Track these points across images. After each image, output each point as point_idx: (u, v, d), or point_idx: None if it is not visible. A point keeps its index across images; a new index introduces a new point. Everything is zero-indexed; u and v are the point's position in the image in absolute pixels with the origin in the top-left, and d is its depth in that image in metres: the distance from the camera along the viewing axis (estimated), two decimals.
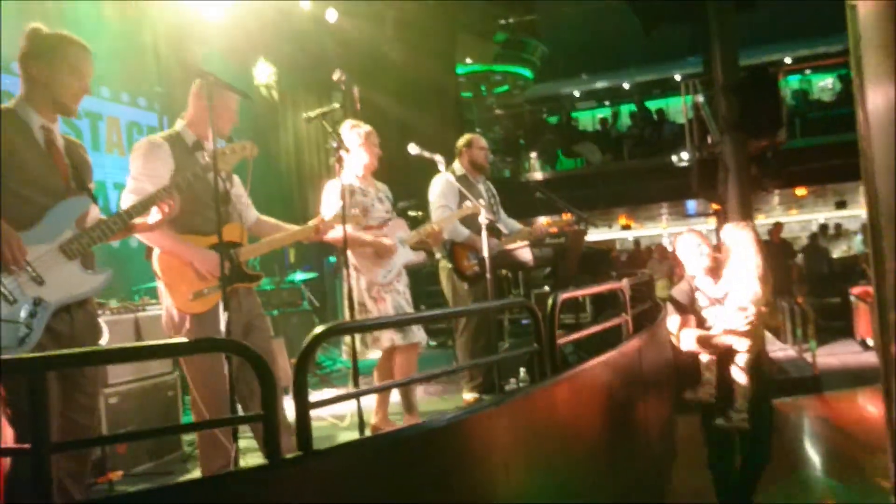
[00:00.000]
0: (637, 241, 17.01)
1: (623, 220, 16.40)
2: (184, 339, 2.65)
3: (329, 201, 3.90)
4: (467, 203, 4.30)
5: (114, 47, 6.73)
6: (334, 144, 3.25)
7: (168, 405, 3.89)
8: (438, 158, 4.15)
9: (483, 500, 2.05)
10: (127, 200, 2.71)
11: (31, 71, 2.37)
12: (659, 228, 20.01)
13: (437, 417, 1.96)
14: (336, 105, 3.30)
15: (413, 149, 4.10)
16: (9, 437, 2.12)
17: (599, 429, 2.88)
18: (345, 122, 3.98)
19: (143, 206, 2.45)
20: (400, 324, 3.62)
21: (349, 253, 3.90)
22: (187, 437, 4.00)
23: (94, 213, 2.46)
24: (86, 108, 6.83)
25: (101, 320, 3.65)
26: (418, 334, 3.95)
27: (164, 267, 2.88)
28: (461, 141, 4.94)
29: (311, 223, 3.24)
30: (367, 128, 4.00)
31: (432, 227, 4.15)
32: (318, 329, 1.79)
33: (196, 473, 3.50)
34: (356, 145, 3.97)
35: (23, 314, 2.10)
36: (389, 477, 1.78)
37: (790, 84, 15.09)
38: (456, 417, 1.99)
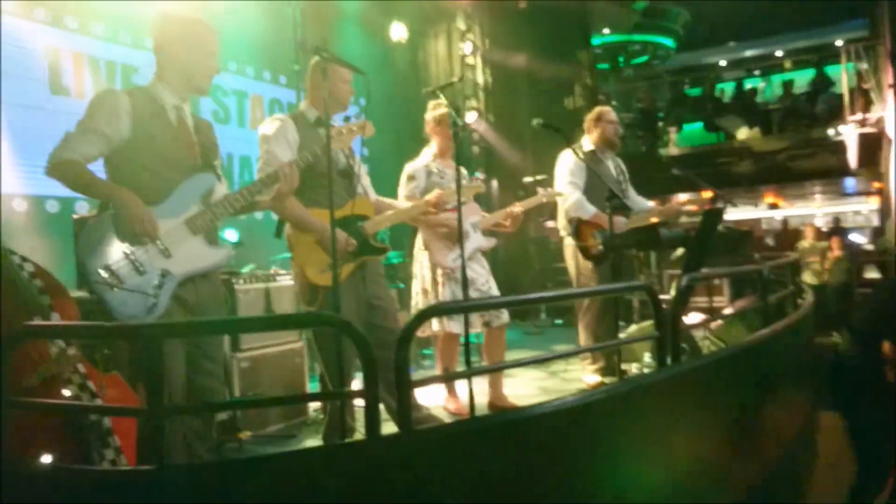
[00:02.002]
0: (785, 222, 15.85)
1: (770, 199, 15.32)
2: (294, 313, 2.74)
3: (404, 183, 3.94)
4: (547, 189, 4.22)
5: (257, 29, 7.08)
6: (453, 118, 3.23)
7: (295, 371, 4.07)
8: (565, 133, 4.04)
9: (590, 491, 1.98)
10: (257, 176, 2.83)
11: (170, 53, 2.48)
12: (811, 208, 18.49)
13: (545, 403, 1.89)
14: (455, 79, 3.27)
15: (538, 123, 4.00)
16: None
17: (725, 422, 2.69)
18: (430, 102, 3.95)
19: (263, 184, 2.53)
20: (510, 305, 3.56)
21: (419, 233, 3.91)
22: (313, 403, 4.17)
23: (220, 189, 2.56)
24: (233, 86, 7.25)
25: (237, 288, 3.88)
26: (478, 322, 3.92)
27: (295, 241, 2.99)
28: (590, 115, 4.77)
29: (428, 197, 3.26)
30: (440, 111, 3.94)
31: (511, 210, 4.04)
32: (422, 308, 1.77)
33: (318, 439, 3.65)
34: (427, 129, 4.00)
35: (152, 285, 2.24)
36: (493, 460, 1.74)
37: None
38: (563, 404, 1.91)
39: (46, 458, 2.18)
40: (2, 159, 4.88)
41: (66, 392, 2.41)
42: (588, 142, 4.71)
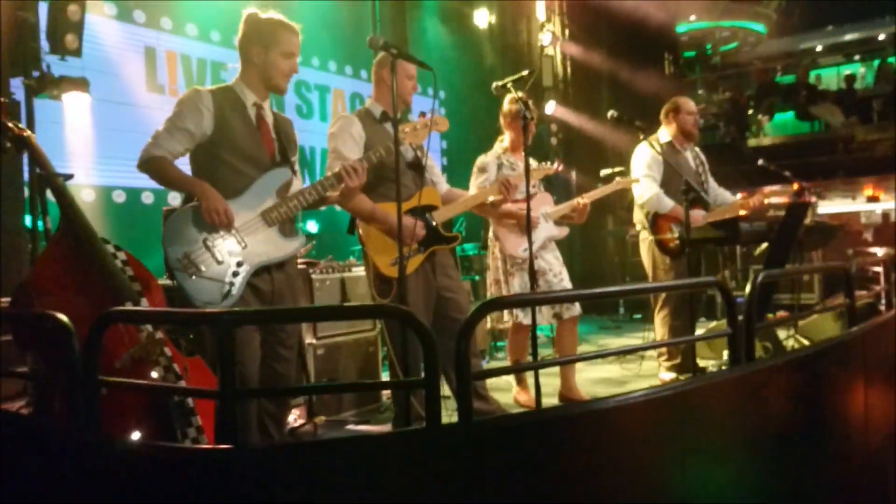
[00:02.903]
0: (886, 216, 14.93)
1: (869, 191, 14.45)
2: (359, 304, 2.81)
3: (475, 174, 3.97)
4: (618, 178, 4.16)
5: (339, 25, 7.26)
6: (523, 112, 3.23)
7: (368, 359, 4.18)
8: (640, 126, 3.97)
9: (654, 489, 1.96)
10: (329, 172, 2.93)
11: (249, 54, 2.60)
12: None
13: (608, 397, 1.89)
14: (526, 72, 3.25)
15: (613, 115, 3.95)
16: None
17: (802, 426, 2.59)
18: (508, 95, 3.93)
19: (335, 179, 2.61)
20: (577, 299, 3.55)
21: (492, 223, 3.93)
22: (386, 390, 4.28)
23: (296, 184, 2.68)
24: (316, 81, 7.46)
25: (313, 278, 4.01)
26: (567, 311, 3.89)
27: (366, 235, 3.08)
28: (668, 105, 4.65)
29: (497, 182, 3.31)
30: (513, 105, 3.93)
31: (578, 202, 3.99)
32: (485, 301, 1.80)
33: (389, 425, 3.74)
34: (502, 122, 4.00)
35: (228, 274, 2.36)
36: (553, 454, 1.75)
37: None
38: (626, 399, 1.90)
39: (135, 435, 2.35)
40: (97, 153, 5.19)
41: (154, 374, 2.58)
42: (665, 133, 4.60)
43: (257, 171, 2.55)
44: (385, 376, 4.29)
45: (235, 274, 2.38)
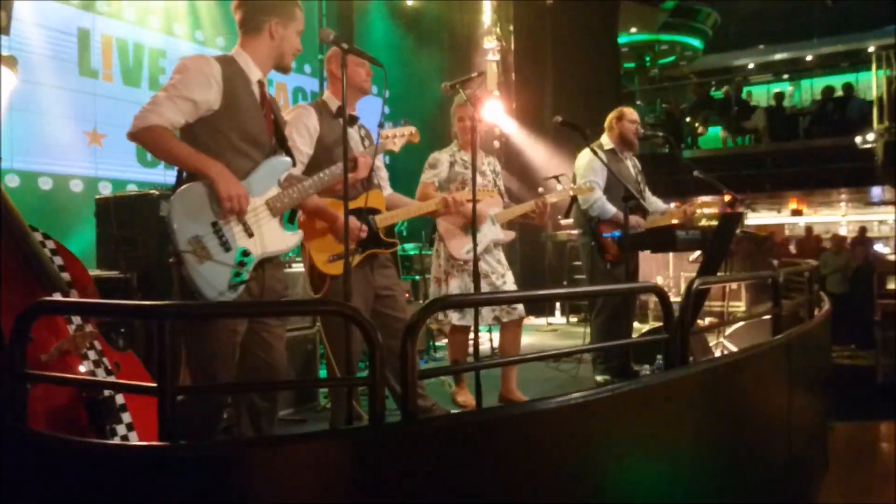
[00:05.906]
0: (809, 229, 15.65)
1: (794, 205, 15.12)
2: (301, 299, 2.76)
3: (425, 170, 3.98)
4: (573, 184, 4.21)
5: None
6: (471, 112, 3.24)
7: (307, 358, 4.12)
8: (585, 132, 4.04)
9: (591, 489, 1.99)
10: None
11: (262, 25, 2.38)
12: (836, 216, 18.27)
13: (548, 398, 1.91)
14: (474, 74, 3.25)
15: (558, 121, 4.01)
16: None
17: (729, 428, 2.68)
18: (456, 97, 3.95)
19: (333, 178, 2.59)
20: (516, 301, 3.58)
21: (438, 222, 3.94)
22: (324, 390, 4.22)
23: (293, 172, 2.58)
24: None
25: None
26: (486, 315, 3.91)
27: (306, 229, 3.03)
28: (612, 114, 4.75)
29: (440, 197, 3.30)
30: (459, 100, 3.94)
31: (541, 200, 4.02)
32: (431, 300, 1.80)
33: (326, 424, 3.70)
34: (452, 122, 4.03)
35: (234, 262, 2.23)
36: (493, 453, 1.76)
37: None
38: (566, 400, 1.92)
39: (59, 431, 2.24)
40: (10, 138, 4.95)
41: (82, 368, 2.48)
42: (607, 140, 4.70)
43: (260, 155, 2.38)
44: (323, 375, 4.24)
45: (242, 263, 2.23)
